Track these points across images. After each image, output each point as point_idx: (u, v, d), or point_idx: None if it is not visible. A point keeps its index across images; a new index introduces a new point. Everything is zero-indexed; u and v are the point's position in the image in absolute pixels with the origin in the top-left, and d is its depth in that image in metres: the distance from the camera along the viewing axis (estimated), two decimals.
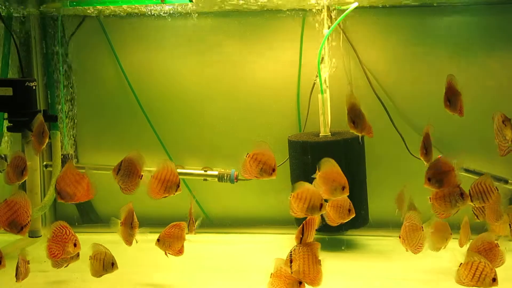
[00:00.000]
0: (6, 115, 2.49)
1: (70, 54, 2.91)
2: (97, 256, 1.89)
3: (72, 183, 1.90)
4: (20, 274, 1.89)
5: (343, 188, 1.90)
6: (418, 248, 1.86)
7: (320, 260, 1.72)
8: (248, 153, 1.84)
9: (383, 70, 2.76)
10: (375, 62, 2.75)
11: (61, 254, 1.89)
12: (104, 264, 1.88)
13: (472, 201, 1.84)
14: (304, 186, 1.86)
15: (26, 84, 2.37)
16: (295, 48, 2.79)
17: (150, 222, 2.09)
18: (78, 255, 1.98)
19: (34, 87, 2.42)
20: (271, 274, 1.74)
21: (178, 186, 1.90)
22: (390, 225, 2.56)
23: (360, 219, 2.50)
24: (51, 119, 2.64)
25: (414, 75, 2.74)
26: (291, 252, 1.73)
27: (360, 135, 2.04)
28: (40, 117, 2.10)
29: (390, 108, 2.74)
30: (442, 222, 1.96)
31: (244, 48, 2.83)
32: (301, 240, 1.85)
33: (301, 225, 1.88)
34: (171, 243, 2.03)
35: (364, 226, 2.59)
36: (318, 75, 2.60)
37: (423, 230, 1.84)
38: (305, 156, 2.47)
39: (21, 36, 2.79)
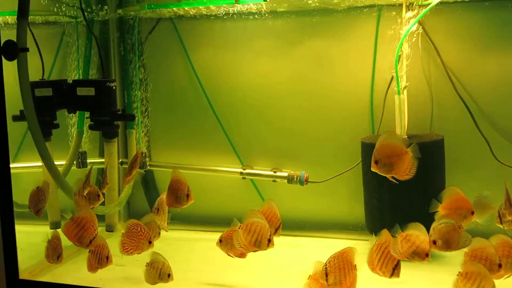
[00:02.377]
0: (87, 113, 2.61)
1: (145, 55, 2.99)
2: (155, 265, 1.90)
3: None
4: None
5: (472, 212, 1.76)
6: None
7: (355, 265, 1.67)
8: (240, 225, 1.78)
9: (466, 70, 2.58)
10: (458, 62, 2.59)
11: (134, 250, 1.95)
12: (161, 273, 1.89)
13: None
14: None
15: (107, 84, 2.45)
16: (370, 46, 2.69)
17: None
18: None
19: (114, 87, 2.50)
20: (309, 276, 1.73)
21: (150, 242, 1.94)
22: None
23: None
24: (129, 118, 2.74)
25: (501, 75, 2.54)
26: (326, 265, 1.69)
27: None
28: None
29: (474, 110, 2.56)
30: None
31: (316, 48, 2.77)
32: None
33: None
34: (233, 245, 1.99)
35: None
36: (395, 75, 2.49)
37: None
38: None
39: (101, 39, 2.90)
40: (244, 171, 2.87)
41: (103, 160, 2.86)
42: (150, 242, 1.94)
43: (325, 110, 2.78)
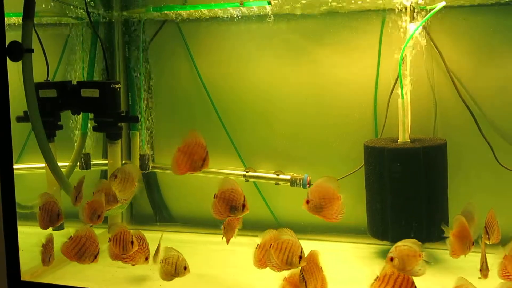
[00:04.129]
0: (91, 115, 2.60)
1: (149, 58, 2.99)
2: (169, 260, 1.89)
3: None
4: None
5: (473, 243, 1.79)
6: None
7: (321, 268, 1.69)
8: (215, 194, 1.79)
9: (470, 74, 2.58)
10: (461, 65, 2.58)
11: (130, 260, 1.99)
12: (177, 268, 1.88)
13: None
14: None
15: (111, 86, 2.46)
16: (374, 50, 2.69)
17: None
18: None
19: (118, 89, 2.50)
20: (284, 278, 1.72)
21: None
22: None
23: (439, 231, 2.36)
24: (133, 120, 2.72)
25: (504, 79, 2.53)
26: (302, 273, 1.67)
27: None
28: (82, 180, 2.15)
29: (477, 114, 2.56)
30: None
31: (319, 51, 2.77)
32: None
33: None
34: (227, 231, 2.06)
35: (444, 239, 2.42)
36: (399, 78, 2.49)
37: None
38: (393, 164, 2.35)
39: (106, 41, 2.91)
40: (247, 174, 2.86)
41: (106, 161, 2.85)
42: (146, 259, 1.98)
43: (328, 113, 2.77)
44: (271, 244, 1.72)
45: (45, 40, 2.55)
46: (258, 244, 1.82)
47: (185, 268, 1.88)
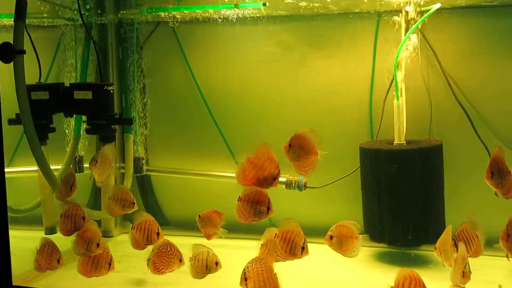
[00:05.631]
0: (84, 117, 2.57)
1: (143, 60, 2.97)
2: (199, 257, 1.82)
3: None
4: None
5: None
6: None
7: (276, 274, 1.65)
8: (240, 196, 1.75)
9: (465, 76, 2.57)
10: (457, 67, 2.58)
11: (166, 269, 1.93)
12: (207, 264, 1.81)
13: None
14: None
15: (105, 88, 2.43)
16: (369, 52, 2.68)
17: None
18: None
19: (112, 91, 2.48)
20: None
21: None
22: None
23: (437, 234, 2.36)
24: (127, 122, 2.70)
25: (500, 81, 2.53)
26: (244, 270, 1.67)
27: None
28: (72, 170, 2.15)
29: (473, 115, 2.55)
30: None
31: (314, 53, 2.76)
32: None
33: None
34: (206, 225, 2.01)
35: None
36: (394, 80, 2.48)
37: None
38: (390, 166, 2.34)
39: (99, 42, 2.88)
40: None
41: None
42: (180, 261, 1.91)
43: (324, 115, 2.76)
44: (276, 234, 1.72)
45: (38, 41, 2.52)
46: (262, 244, 1.79)
47: (216, 263, 1.81)
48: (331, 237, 1.72)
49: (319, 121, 2.76)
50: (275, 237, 1.73)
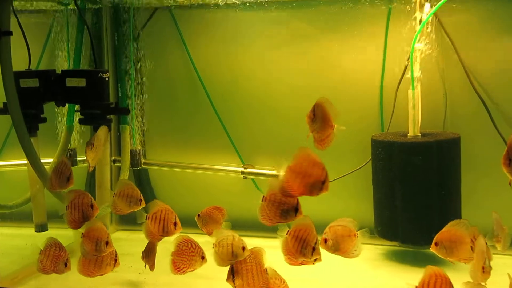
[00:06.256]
0: (77, 107, 2.46)
1: (140, 46, 2.86)
2: (223, 243, 1.66)
3: None
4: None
5: None
6: None
7: (266, 269, 1.60)
8: (264, 196, 1.64)
9: (483, 64, 2.45)
10: (474, 56, 2.45)
11: (187, 268, 1.80)
12: (233, 250, 1.64)
13: None
14: None
15: (99, 75, 2.32)
16: (380, 39, 2.56)
17: None
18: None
19: (107, 79, 2.37)
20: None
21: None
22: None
23: None
24: (123, 112, 2.60)
25: None
26: (232, 266, 1.61)
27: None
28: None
29: (491, 106, 2.43)
30: None
31: (321, 40, 2.64)
32: None
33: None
34: (207, 223, 1.95)
35: None
36: (410, 68, 2.35)
37: None
38: (405, 159, 2.23)
39: (93, 28, 2.76)
40: (245, 171, 2.75)
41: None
42: (203, 258, 1.78)
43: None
44: (288, 231, 1.63)
45: (28, 27, 2.40)
46: (288, 230, 1.67)
47: (243, 248, 1.64)
48: (325, 240, 1.60)
49: None
50: (287, 234, 1.64)
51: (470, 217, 2.30)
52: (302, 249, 1.60)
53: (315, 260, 1.64)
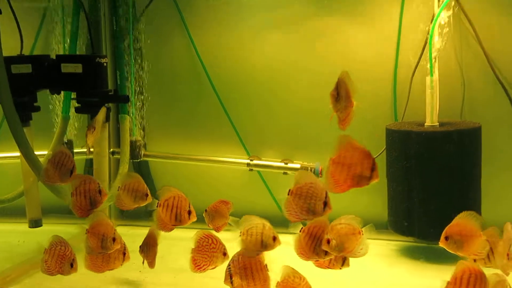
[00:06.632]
0: (73, 94, 2.39)
1: (140, 32, 2.76)
2: (252, 231, 1.54)
3: None
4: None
5: None
6: None
7: (266, 265, 1.52)
8: (290, 189, 1.54)
9: (506, 52, 2.34)
10: (495, 39, 2.34)
11: (208, 265, 1.68)
12: (263, 239, 1.52)
13: None
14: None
15: (97, 60, 2.23)
16: (393, 21, 2.45)
17: None
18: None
19: (105, 64, 2.27)
20: (277, 283, 1.54)
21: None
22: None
23: None
24: (122, 100, 2.51)
25: None
26: (229, 266, 1.53)
27: None
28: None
29: None
30: None
31: (331, 24, 2.55)
32: None
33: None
34: (214, 218, 1.86)
35: None
36: (428, 53, 2.23)
37: None
38: (423, 150, 2.12)
39: (90, 12, 2.64)
40: (251, 163, 2.68)
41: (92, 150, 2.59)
42: (224, 254, 1.66)
43: None
44: (301, 228, 1.56)
45: (21, 11, 2.29)
46: (302, 227, 1.60)
47: (274, 238, 1.53)
48: (328, 241, 1.49)
49: None
50: (300, 231, 1.57)
51: (489, 213, 2.24)
52: (316, 247, 1.52)
53: (343, 265, 1.59)
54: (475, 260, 1.55)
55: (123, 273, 2.05)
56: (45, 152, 2.48)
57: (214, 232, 1.71)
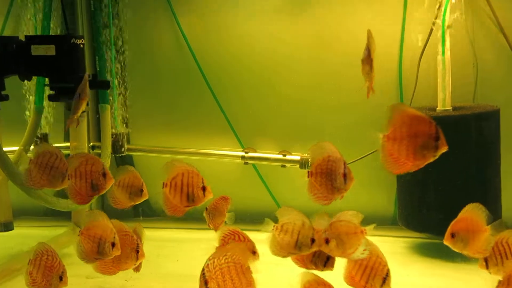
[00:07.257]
0: (47, 80, 2.21)
1: (121, 13, 2.61)
2: (287, 227, 1.38)
3: None
4: None
5: None
6: None
7: (249, 267, 1.33)
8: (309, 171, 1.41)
9: None
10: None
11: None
12: (299, 238, 1.37)
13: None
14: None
15: (72, 42, 2.03)
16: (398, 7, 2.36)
17: None
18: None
19: (82, 46, 2.08)
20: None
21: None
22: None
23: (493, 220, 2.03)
24: (102, 86, 2.34)
25: None
26: (203, 270, 1.33)
27: None
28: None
29: None
30: None
31: (330, 3, 2.44)
32: None
33: None
34: (213, 216, 1.72)
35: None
36: (442, 31, 2.10)
37: None
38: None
39: None
40: (246, 155, 2.56)
41: (68, 144, 2.48)
42: (254, 253, 1.53)
43: (342, 78, 2.45)
44: (274, 225, 1.40)
45: None
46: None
47: (312, 240, 1.38)
48: (326, 240, 1.37)
49: (338, 89, 2.45)
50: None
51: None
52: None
53: (325, 266, 1.44)
54: (486, 264, 1.43)
55: (106, 279, 1.85)
56: (16, 148, 2.30)
57: (239, 229, 1.55)
